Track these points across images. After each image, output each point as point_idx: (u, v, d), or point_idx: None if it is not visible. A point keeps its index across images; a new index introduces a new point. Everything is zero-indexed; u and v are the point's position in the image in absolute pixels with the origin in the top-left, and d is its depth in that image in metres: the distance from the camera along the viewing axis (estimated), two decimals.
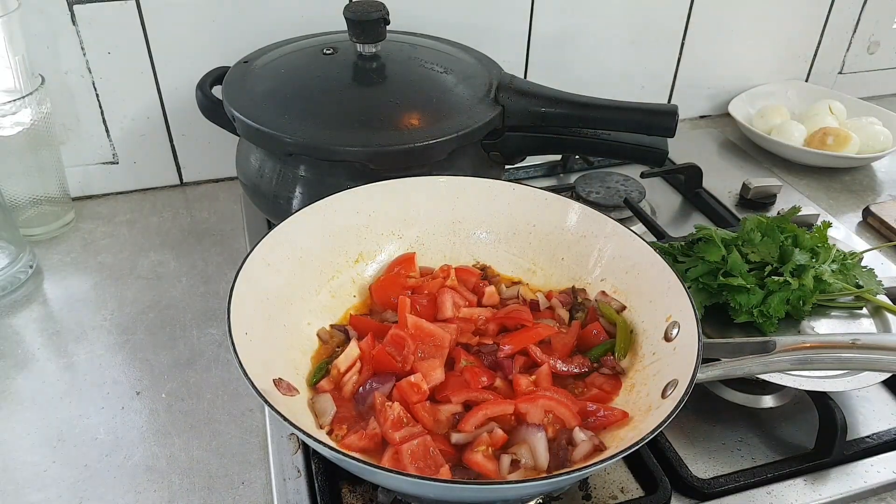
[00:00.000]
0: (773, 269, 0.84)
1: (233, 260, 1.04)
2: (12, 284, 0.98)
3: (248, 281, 0.70)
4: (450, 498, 0.61)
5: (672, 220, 1.14)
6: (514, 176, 1.21)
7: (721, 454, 0.76)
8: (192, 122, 1.11)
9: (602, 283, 0.82)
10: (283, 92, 0.92)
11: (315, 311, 0.79)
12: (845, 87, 1.49)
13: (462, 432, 0.66)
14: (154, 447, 0.77)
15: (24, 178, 1.04)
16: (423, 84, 0.94)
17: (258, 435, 0.78)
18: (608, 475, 0.73)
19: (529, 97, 0.94)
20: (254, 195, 0.99)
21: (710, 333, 0.82)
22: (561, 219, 0.85)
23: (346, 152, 0.86)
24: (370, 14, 0.92)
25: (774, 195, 1.17)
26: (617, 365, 0.74)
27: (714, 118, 1.46)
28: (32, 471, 0.74)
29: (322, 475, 0.70)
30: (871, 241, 1.10)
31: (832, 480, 0.73)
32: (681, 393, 0.60)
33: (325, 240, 0.82)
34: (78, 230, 1.10)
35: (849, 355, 0.64)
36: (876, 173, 1.28)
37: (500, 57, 1.04)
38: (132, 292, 0.98)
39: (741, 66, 1.41)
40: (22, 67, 0.98)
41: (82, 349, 0.89)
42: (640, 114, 0.92)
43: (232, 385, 0.84)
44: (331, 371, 0.72)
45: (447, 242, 0.88)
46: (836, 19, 1.41)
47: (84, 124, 1.12)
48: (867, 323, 0.84)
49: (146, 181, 1.20)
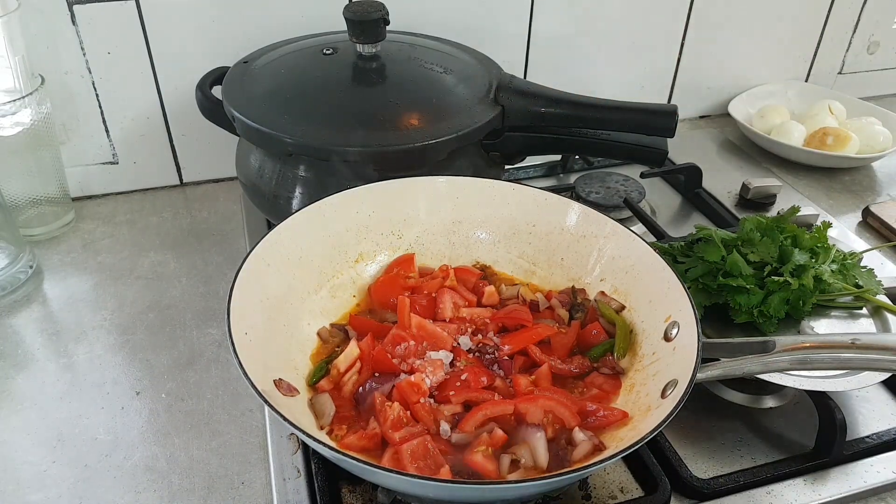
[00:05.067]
0: (773, 269, 0.84)
1: (233, 260, 1.04)
2: (12, 284, 0.98)
3: (248, 281, 0.70)
4: (450, 498, 0.61)
5: (672, 221, 1.14)
6: (514, 176, 1.21)
7: (721, 454, 0.76)
8: (192, 122, 1.11)
9: (602, 283, 0.82)
10: (283, 92, 0.93)
11: (315, 312, 0.79)
12: (845, 87, 1.49)
13: (462, 432, 0.66)
14: (154, 447, 0.77)
15: (24, 178, 1.04)
16: (422, 84, 0.95)
17: (258, 435, 0.78)
18: (608, 475, 0.73)
19: (529, 97, 0.94)
20: (254, 195, 0.99)
21: (709, 333, 0.82)
22: (561, 219, 0.85)
23: (346, 152, 0.86)
24: (370, 14, 0.92)
25: (774, 195, 1.17)
26: (616, 365, 0.74)
27: (714, 118, 1.46)
28: (32, 471, 0.74)
29: (322, 475, 0.70)
30: (870, 242, 1.10)
31: (832, 480, 0.73)
32: (680, 393, 0.60)
33: (324, 240, 0.82)
34: (78, 230, 1.10)
35: (848, 355, 0.63)
36: (876, 173, 1.28)
37: (500, 57, 1.04)
38: (132, 292, 0.98)
39: (741, 66, 1.41)
40: (22, 67, 0.98)
41: (82, 349, 0.89)
42: (640, 114, 0.92)
43: (232, 385, 0.84)
44: (330, 371, 0.72)
45: (447, 242, 0.88)
46: (836, 19, 1.41)
47: (84, 124, 1.12)
48: (867, 323, 0.84)
49: (146, 181, 1.20)
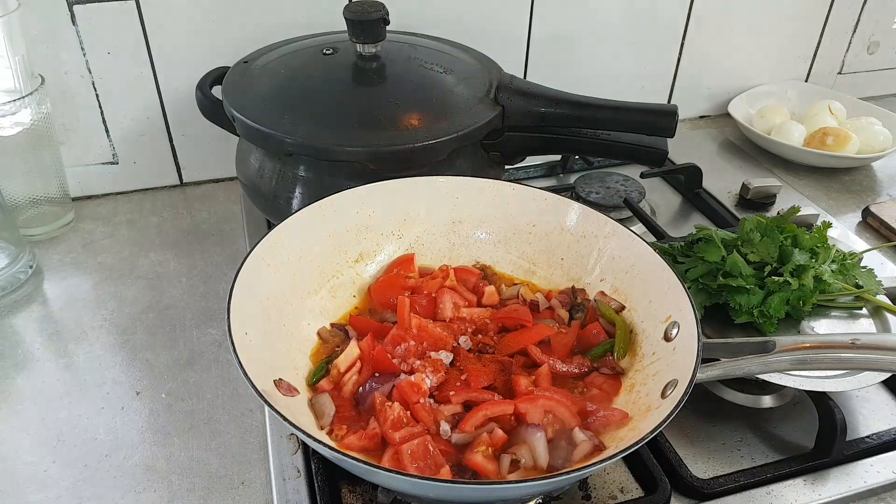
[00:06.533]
0: (773, 269, 0.84)
1: (233, 260, 1.04)
2: (12, 284, 0.98)
3: (248, 281, 0.70)
4: (450, 498, 0.61)
5: (672, 221, 1.14)
6: (514, 176, 1.21)
7: (721, 454, 0.76)
8: (192, 123, 1.11)
9: (602, 283, 0.82)
10: (283, 92, 0.93)
11: (315, 312, 0.79)
12: (845, 88, 1.49)
13: (462, 432, 0.66)
14: (154, 447, 0.77)
15: (24, 178, 1.04)
16: (422, 84, 0.95)
17: (258, 435, 0.78)
18: (608, 475, 0.73)
19: (529, 97, 0.94)
20: (254, 195, 0.99)
21: (709, 334, 0.82)
22: (561, 219, 0.85)
23: (346, 152, 0.86)
24: (370, 14, 0.92)
25: (774, 195, 1.17)
26: (616, 365, 0.74)
27: (714, 118, 1.46)
28: (32, 471, 0.74)
29: (322, 475, 0.70)
30: (870, 241, 1.10)
31: (832, 480, 0.73)
32: (680, 393, 0.60)
33: (324, 240, 0.82)
34: (78, 230, 1.10)
35: (848, 355, 0.64)
36: (876, 173, 1.28)
37: (500, 57, 1.04)
38: (132, 292, 0.98)
39: (741, 66, 1.41)
40: (22, 67, 0.98)
41: (82, 349, 0.89)
42: (640, 114, 0.92)
43: (232, 385, 0.84)
44: (331, 371, 0.72)
45: (447, 242, 0.88)
46: (836, 19, 1.41)
47: (84, 124, 1.12)
48: (867, 323, 0.84)
49: (146, 181, 1.20)
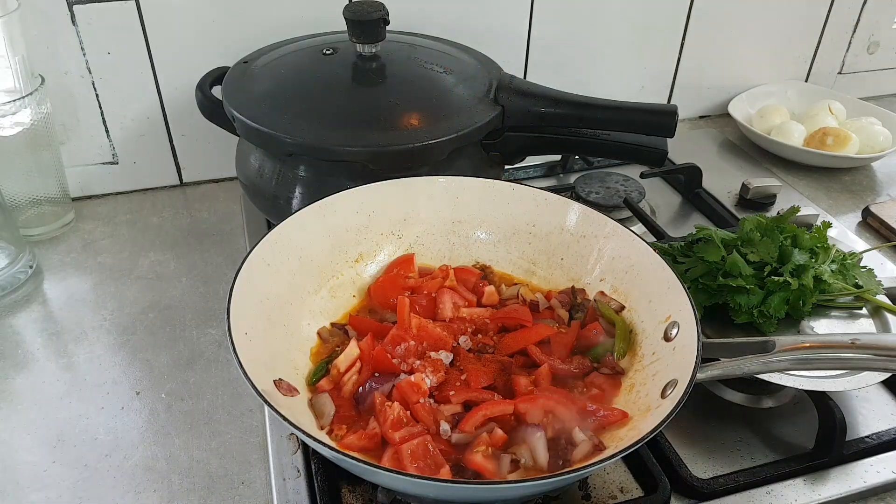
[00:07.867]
0: (773, 269, 0.84)
1: (233, 260, 1.04)
2: (12, 284, 0.98)
3: (248, 281, 0.70)
4: (450, 498, 0.61)
5: (672, 221, 1.14)
6: (514, 176, 1.21)
7: (721, 454, 0.76)
8: (192, 122, 1.11)
9: (601, 283, 0.82)
10: (283, 92, 0.92)
11: (315, 312, 0.79)
12: (845, 88, 1.49)
13: (462, 432, 0.66)
14: (154, 447, 0.77)
15: (24, 178, 1.04)
16: (422, 84, 0.95)
17: (258, 435, 0.78)
18: (608, 475, 0.73)
19: (529, 97, 0.94)
20: (254, 195, 0.99)
21: (709, 333, 0.82)
22: (561, 219, 0.85)
23: (346, 152, 0.86)
24: (370, 14, 0.92)
25: (774, 195, 1.17)
26: (616, 365, 0.74)
27: (714, 118, 1.46)
28: (32, 471, 0.74)
29: (322, 475, 0.70)
30: (870, 241, 1.10)
31: (832, 480, 0.73)
32: (680, 393, 0.60)
33: (324, 240, 0.82)
34: (78, 230, 1.10)
35: (848, 355, 0.64)
36: (875, 173, 1.28)
37: (500, 57, 1.04)
38: (132, 292, 0.98)
39: (741, 66, 1.41)
40: (22, 67, 0.98)
41: (82, 349, 0.89)
42: (640, 114, 0.92)
43: (232, 385, 0.84)
44: (330, 371, 0.72)
45: (447, 242, 0.88)
46: (836, 19, 1.41)
47: (84, 124, 1.12)
48: (867, 323, 0.84)
49: (146, 181, 1.20)
